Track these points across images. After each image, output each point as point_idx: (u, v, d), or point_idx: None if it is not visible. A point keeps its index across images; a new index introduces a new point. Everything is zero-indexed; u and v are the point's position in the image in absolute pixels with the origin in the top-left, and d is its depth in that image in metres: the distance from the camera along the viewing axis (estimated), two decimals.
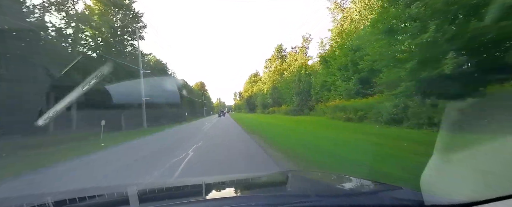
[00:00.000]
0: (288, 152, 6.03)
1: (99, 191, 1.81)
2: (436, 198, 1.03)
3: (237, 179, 2.10)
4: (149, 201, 1.38)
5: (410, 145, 5.72)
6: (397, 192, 1.26)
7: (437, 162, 1.49)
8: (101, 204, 1.47)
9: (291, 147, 6.80)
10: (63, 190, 3.21)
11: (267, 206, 1.16)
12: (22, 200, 1.54)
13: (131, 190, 1.44)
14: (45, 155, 7.89)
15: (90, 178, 4.85)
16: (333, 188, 1.67)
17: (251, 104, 67.64)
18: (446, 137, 2.41)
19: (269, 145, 7.54)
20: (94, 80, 11.29)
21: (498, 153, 1.28)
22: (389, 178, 3.33)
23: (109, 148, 9.05)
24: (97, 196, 1.55)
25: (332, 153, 5.67)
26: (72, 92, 9.97)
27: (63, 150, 8.94)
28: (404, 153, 4.96)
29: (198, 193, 1.61)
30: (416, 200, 1.05)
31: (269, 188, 1.85)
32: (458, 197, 0.97)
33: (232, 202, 1.28)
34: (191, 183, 1.87)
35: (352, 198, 1.25)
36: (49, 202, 1.28)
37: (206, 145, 8.30)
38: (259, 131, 12.43)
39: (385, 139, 6.98)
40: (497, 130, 4.88)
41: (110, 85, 15.18)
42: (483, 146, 1.49)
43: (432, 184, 1.20)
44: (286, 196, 1.38)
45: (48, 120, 9.51)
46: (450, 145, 1.89)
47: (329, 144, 7.04)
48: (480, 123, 5.85)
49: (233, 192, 1.70)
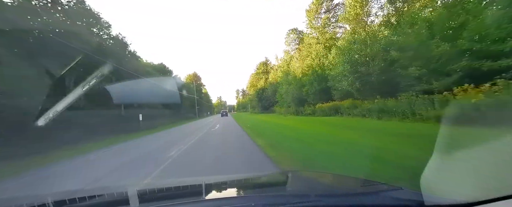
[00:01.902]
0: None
1: (99, 191, 1.81)
2: (436, 198, 1.03)
3: (237, 179, 2.11)
4: (149, 201, 1.38)
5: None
6: (397, 192, 1.26)
7: (437, 162, 1.48)
8: (101, 204, 1.47)
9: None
10: (63, 190, 3.22)
11: (267, 206, 1.16)
12: (22, 200, 1.54)
13: (131, 190, 1.45)
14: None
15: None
16: (333, 188, 1.67)
17: (264, 100, 48.18)
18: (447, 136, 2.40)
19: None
20: (94, 80, 11.30)
21: (499, 152, 1.28)
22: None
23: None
24: (97, 196, 1.55)
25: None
26: (72, 92, 9.98)
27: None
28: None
29: (198, 193, 1.61)
30: (416, 200, 1.05)
31: (269, 188, 1.85)
32: (459, 197, 0.97)
33: (232, 202, 1.28)
34: (191, 183, 1.87)
35: (352, 198, 1.25)
36: (49, 202, 1.28)
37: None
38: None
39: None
40: (498, 128, 4.87)
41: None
42: (484, 145, 1.48)
43: (432, 184, 1.20)
44: (286, 196, 1.38)
45: (49, 120, 9.53)
46: (450, 144, 1.88)
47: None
48: (481, 122, 5.84)
49: (233, 192, 1.70)
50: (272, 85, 45.24)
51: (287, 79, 32.54)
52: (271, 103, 45.25)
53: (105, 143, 11.24)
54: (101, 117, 15.64)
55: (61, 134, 10.78)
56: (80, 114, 13.75)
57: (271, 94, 44.76)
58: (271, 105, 45.11)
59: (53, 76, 11.35)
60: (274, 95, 42.24)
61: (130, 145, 10.71)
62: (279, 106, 38.68)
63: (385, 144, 6.21)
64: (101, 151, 9.04)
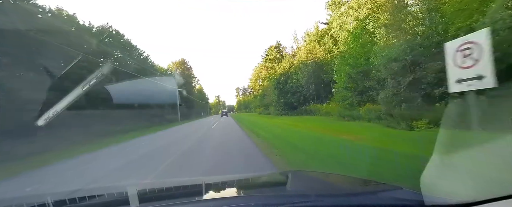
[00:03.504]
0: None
1: (99, 191, 1.81)
2: (436, 198, 1.03)
3: (237, 179, 2.11)
4: (149, 201, 1.38)
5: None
6: (397, 192, 1.26)
7: (437, 162, 1.49)
8: (101, 204, 1.48)
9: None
10: (62, 190, 3.22)
11: (267, 206, 1.17)
12: (22, 200, 1.55)
13: (131, 190, 1.45)
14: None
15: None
16: (333, 188, 1.67)
17: (290, 94, 27.72)
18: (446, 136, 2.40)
19: None
20: (94, 80, 11.27)
21: (499, 152, 1.28)
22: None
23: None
24: (97, 196, 1.55)
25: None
26: (72, 92, 9.96)
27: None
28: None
29: (198, 193, 1.61)
30: (416, 200, 1.05)
31: (269, 188, 1.85)
32: (458, 197, 0.98)
33: (232, 202, 1.28)
34: (191, 183, 1.87)
35: (352, 198, 1.25)
36: (49, 202, 1.28)
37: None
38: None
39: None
40: (498, 129, 4.88)
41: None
42: (483, 146, 1.49)
43: (432, 184, 1.20)
44: (286, 196, 1.38)
45: (49, 120, 9.50)
46: (450, 145, 1.89)
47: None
48: (481, 122, 5.84)
49: (233, 192, 1.71)
50: (298, 68, 27.32)
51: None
52: (303, 98, 25.87)
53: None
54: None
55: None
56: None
57: (306, 82, 25.18)
58: (305, 102, 25.60)
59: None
60: (311, 84, 24.45)
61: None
62: (334, 101, 19.18)
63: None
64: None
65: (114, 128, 16.77)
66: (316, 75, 24.42)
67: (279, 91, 29.88)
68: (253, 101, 59.36)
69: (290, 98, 27.91)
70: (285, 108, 28.77)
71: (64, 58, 13.26)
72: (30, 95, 11.28)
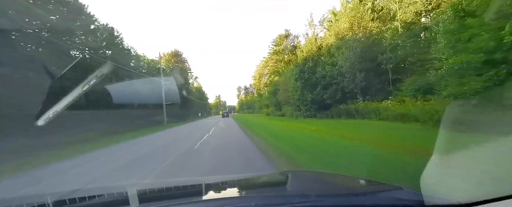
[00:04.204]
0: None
1: (99, 191, 1.81)
2: (436, 198, 1.03)
3: (237, 179, 2.11)
4: (149, 201, 1.38)
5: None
6: (397, 192, 1.26)
7: (437, 162, 1.49)
8: (101, 204, 1.48)
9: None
10: (62, 190, 3.22)
11: (267, 206, 1.17)
12: (22, 200, 1.55)
13: (131, 190, 1.45)
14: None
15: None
16: (333, 188, 1.67)
17: (313, 86, 19.34)
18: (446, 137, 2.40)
19: None
20: (94, 80, 11.28)
21: (499, 153, 1.28)
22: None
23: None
24: (97, 196, 1.55)
25: None
26: (72, 92, 9.97)
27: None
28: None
29: (198, 193, 1.61)
30: (416, 200, 1.05)
31: (269, 188, 1.85)
32: (458, 197, 0.98)
33: (232, 202, 1.28)
34: (191, 183, 1.87)
35: (352, 198, 1.25)
36: (49, 202, 1.28)
37: None
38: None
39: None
40: (497, 129, 4.88)
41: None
42: (483, 146, 1.49)
43: (432, 184, 1.20)
44: (286, 196, 1.38)
45: (49, 120, 9.51)
46: (450, 145, 1.89)
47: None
48: (481, 123, 5.85)
49: (233, 192, 1.70)
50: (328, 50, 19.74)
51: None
52: (341, 93, 17.65)
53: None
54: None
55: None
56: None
57: (350, 68, 16.11)
58: (343, 98, 17.48)
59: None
60: (359, 72, 15.62)
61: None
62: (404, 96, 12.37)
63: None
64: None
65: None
66: (367, 58, 15.75)
67: (303, 83, 20.21)
68: (258, 101, 51.71)
69: (320, 93, 18.78)
70: (312, 108, 19.80)
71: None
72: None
